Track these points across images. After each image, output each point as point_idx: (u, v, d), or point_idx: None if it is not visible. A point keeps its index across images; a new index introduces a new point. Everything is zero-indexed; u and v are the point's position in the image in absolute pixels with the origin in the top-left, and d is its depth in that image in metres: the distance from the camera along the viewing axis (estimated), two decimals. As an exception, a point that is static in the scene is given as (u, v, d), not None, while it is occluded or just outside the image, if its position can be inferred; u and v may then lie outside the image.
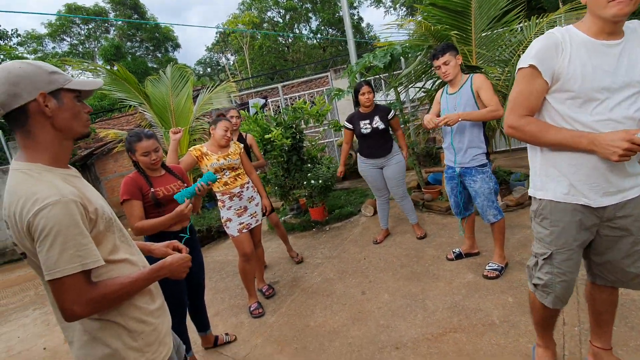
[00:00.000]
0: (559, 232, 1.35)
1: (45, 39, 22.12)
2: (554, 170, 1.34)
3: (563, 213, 1.34)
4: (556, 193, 1.34)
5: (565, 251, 1.36)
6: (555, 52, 1.20)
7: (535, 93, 1.27)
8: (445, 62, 2.39)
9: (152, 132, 1.99)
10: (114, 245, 1.07)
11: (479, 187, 2.46)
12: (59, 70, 1.01)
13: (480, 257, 2.85)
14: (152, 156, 1.92)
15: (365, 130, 3.24)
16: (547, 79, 1.23)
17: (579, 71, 1.19)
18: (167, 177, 2.04)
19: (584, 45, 1.20)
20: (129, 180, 1.89)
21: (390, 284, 2.75)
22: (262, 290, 3.02)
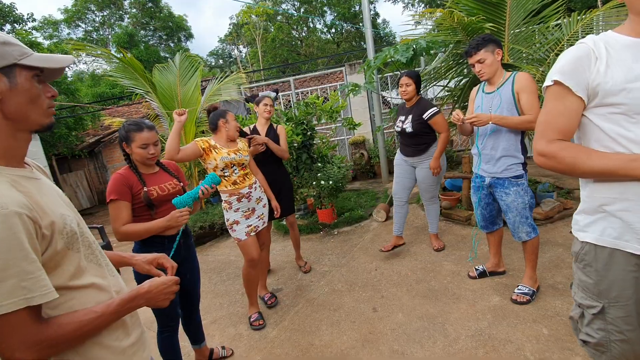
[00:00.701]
0: (608, 283, 1.06)
1: (61, 24, 22.12)
2: (604, 206, 1.04)
3: (612, 262, 1.05)
4: (603, 235, 1.05)
5: (621, 306, 1.05)
6: (587, 61, 0.99)
7: (566, 113, 1.03)
8: (479, 60, 2.08)
9: (153, 124, 1.77)
10: (77, 267, 0.84)
11: (511, 200, 2.17)
12: (15, 41, 0.77)
13: (507, 277, 2.57)
14: (151, 149, 1.71)
15: (397, 128, 2.98)
16: (581, 94, 1.00)
17: (622, 78, 0.94)
18: (161, 174, 1.82)
19: (627, 48, 0.96)
20: (119, 177, 1.65)
21: (405, 301, 2.49)
22: (264, 298, 2.79)
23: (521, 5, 3.12)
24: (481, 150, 2.25)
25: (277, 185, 2.94)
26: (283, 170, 3.08)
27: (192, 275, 1.96)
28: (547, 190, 3.71)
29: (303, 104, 4.09)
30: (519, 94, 2.04)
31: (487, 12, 3.21)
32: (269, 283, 3.08)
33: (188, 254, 1.92)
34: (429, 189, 3.03)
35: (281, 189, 2.99)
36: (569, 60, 1.02)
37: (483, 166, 2.26)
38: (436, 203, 3.12)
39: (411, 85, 2.80)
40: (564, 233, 3.14)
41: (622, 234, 1.01)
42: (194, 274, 1.98)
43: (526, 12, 3.13)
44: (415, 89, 2.83)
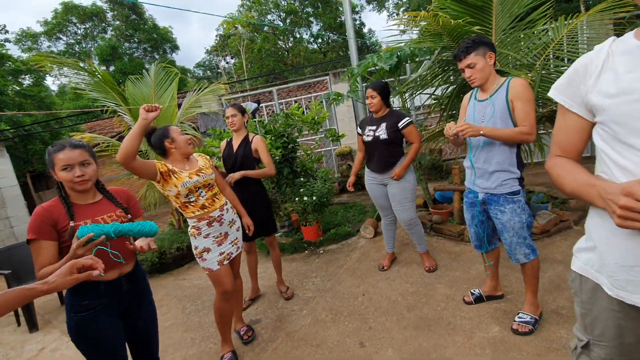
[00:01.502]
0: (592, 318, 0.97)
1: (40, 37, 21.64)
2: (590, 232, 0.96)
3: (596, 297, 0.94)
4: (587, 265, 0.96)
5: (604, 346, 0.95)
6: (583, 73, 0.90)
7: (566, 130, 0.98)
8: (469, 65, 1.89)
9: (83, 143, 1.47)
10: None
11: (507, 219, 1.95)
12: None
13: (506, 302, 2.34)
14: (77, 171, 1.39)
15: (367, 138, 2.75)
16: (579, 110, 0.92)
17: (611, 88, 0.81)
18: (102, 204, 1.52)
19: (626, 54, 0.81)
20: (40, 211, 1.37)
21: (395, 333, 2.23)
22: (239, 332, 2.50)
23: (507, 10, 2.97)
24: (474, 164, 2.04)
25: (253, 203, 2.67)
26: (258, 186, 2.79)
27: (145, 325, 1.65)
28: (541, 201, 3.53)
29: (282, 115, 3.86)
30: (513, 102, 1.83)
31: (473, 16, 3.05)
32: (247, 313, 2.80)
33: (137, 300, 1.61)
34: (404, 208, 2.77)
35: (258, 207, 2.73)
36: (567, 73, 0.94)
37: (476, 181, 2.04)
38: (417, 225, 2.87)
39: (376, 97, 2.68)
40: (562, 248, 2.94)
41: (602, 268, 0.90)
42: (148, 322, 1.67)
43: (512, 16, 2.98)
44: (382, 100, 2.70)
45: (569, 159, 0.98)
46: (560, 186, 0.95)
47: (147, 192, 4.77)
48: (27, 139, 8.50)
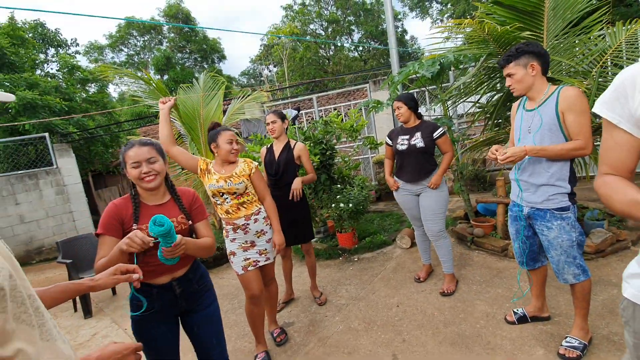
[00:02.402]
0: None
1: (105, 49, 23.87)
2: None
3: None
4: (635, 289, 0.90)
5: None
6: (632, 88, 0.85)
7: (616, 147, 0.92)
8: (509, 74, 1.83)
9: (151, 141, 1.52)
10: (1, 330, 0.67)
11: (554, 237, 1.83)
12: None
13: (552, 324, 2.18)
14: (144, 168, 1.44)
15: (402, 147, 2.72)
16: (627, 127, 0.87)
17: None
18: (168, 207, 1.53)
19: None
20: (111, 208, 1.45)
21: (430, 348, 2.17)
22: (273, 334, 2.56)
23: (559, 15, 2.81)
24: (519, 177, 1.95)
25: (293, 210, 2.75)
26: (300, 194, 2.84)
27: (202, 330, 1.60)
28: (596, 219, 3.26)
29: (322, 122, 3.93)
30: (564, 113, 1.73)
31: (522, 22, 2.92)
32: (279, 316, 2.86)
33: (194, 301, 1.58)
34: (435, 219, 2.70)
35: (298, 215, 2.79)
36: (613, 86, 0.90)
37: (521, 194, 1.95)
38: (446, 238, 2.77)
39: (403, 107, 2.69)
40: (618, 270, 2.68)
41: None
42: (206, 328, 1.61)
43: (565, 21, 2.82)
44: (410, 110, 2.70)
45: (619, 176, 0.92)
46: (611, 205, 0.89)
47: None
48: (90, 141, 9.38)
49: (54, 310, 3.91)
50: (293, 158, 2.77)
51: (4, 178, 6.63)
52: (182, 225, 1.52)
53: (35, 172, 6.94)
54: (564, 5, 2.83)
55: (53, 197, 7.07)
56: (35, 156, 7.16)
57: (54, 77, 9.60)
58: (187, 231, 1.54)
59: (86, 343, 3.01)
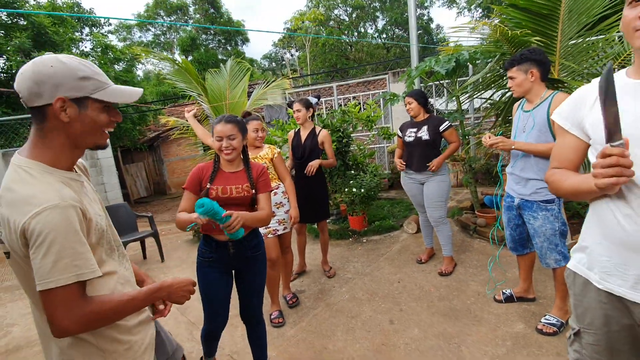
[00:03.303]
0: (583, 309, 1.12)
1: (134, 28, 24.48)
2: (583, 235, 1.12)
3: (586, 290, 1.10)
4: (579, 263, 1.12)
5: (592, 333, 1.10)
6: (581, 102, 1.06)
7: (565, 148, 1.13)
8: (511, 77, 2.05)
9: (236, 119, 1.75)
10: (100, 259, 0.97)
11: (539, 225, 2.07)
12: (94, 76, 0.92)
13: (536, 305, 2.43)
14: (224, 143, 1.69)
15: (409, 139, 2.98)
16: (576, 132, 1.08)
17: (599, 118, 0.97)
18: (239, 176, 1.77)
19: (620, 88, 0.95)
20: (197, 169, 1.76)
21: (424, 317, 2.47)
22: (286, 297, 2.91)
23: (574, 19, 2.92)
24: (513, 171, 2.18)
25: (314, 190, 3.06)
26: (320, 176, 3.14)
27: (246, 290, 1.88)
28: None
29: (340, 112, 4.17)
30: (555, 116, 1.94)
31: (536, 24, 3.05)
32: (292, 285, 3.20)
33: (244, 265, 1.83)
34: (437, 206, 2.96)
35: (317, 194, 3.10)
36: (567, 101, 1.12)
37: (513, 186, 2.18)
38: (446, 224, 3.03)
39: (413, 103, 2.94)
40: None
41: (588, 261, 1.08)
42: (248, 289, 1.88)
43: (580, 25, 2.93)
44: (420, 106, 2.94)
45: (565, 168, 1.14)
46: (560, 187, 1.10)
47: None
48: (120, 118, 9.92)
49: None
50: (317, 144, 3.06)
51: (45, 149, 7.21)
52: (246, 192, 1.74)
53: (73, 145, 7.50)
54: (579, 9, 2.93)
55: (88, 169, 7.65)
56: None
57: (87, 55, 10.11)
58: (249, 199, 1.74)
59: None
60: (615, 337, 1.07)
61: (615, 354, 1.09)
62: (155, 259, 4.47)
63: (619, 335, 1.06)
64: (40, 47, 8.37)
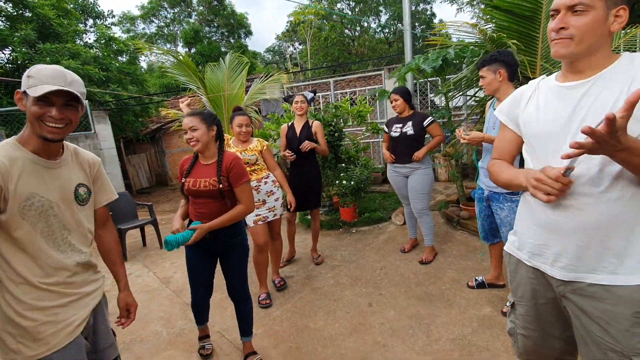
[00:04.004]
0: (516, 284, 1.28)
1: (137, 20, 24.54)
2: (515, 222, 1.31)
3: (518, 268, 1.26)
4: (512, 245, 1.29)
5: (523, 305, 1.27)
6: (518, 100, 1.21)
7: (504, 140, 1.29)
8: (482, 76, 2.20)
9: (200, 112, 1.89)
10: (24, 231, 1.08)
11: (504, 215, 2.22)
12: (35, 75, 1.08)
13: (505, 291, 2.60)
14: (189, 134, 1.83)
15: (394, 134, 3.14)
16: (513, 127, 1.23)
17: (532, 115, 1.14)
18: (210, 168, 1.87)
19: (547, 90, 1.13)
20: (181, 162, 1.97)
21: (400, 300, 2.64)
22: (274, 281, 3.09)
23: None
24: (482, 165, 2.33)
25: (308, 179, 3.24)
26: (314, 166, 3.33)
27: (228, 272, 2.08)
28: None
29: (332, 107, 4.32)
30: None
31: (519, 25, 3.17)
32: (281, 271, 3.38)
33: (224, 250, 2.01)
34: (420, 198, 3.12)
35: (312, 183, 3.27)
36: (508, 98, 1.26)
37: (483, 179, 2.34)
38: (428, 215, 3.19)
39: (399, 100, 3.09)
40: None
41: (521, 247, 1.22)
42: (230, 271, 2.07)
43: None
44: (405, 102, 3.09)
45: (504, 160, 1.29)
46: (497, 178, 1.26)
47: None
48: (123, 110, 10.10)
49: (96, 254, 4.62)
50: (312, 135, 3.23)
51: (49, 139, 7.41)
52: (212, 186, 1.83)
53: (77, 136, 7.69)
54: (559, 11, 3.05)
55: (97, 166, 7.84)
56: (75, 121, 7.88)
57: (91, 47, 10.26)
58: (216, 192, 1.83)
59: (123, 279, 3.66)
60: (542, 309, 1.23)
61: (542, 324, 1.25)
62: (155, 246, 4.67)
63: (545, 307, 1.23)
64: (45, 38, 8.53)
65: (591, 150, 0.85)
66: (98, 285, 1.35)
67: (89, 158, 1.33)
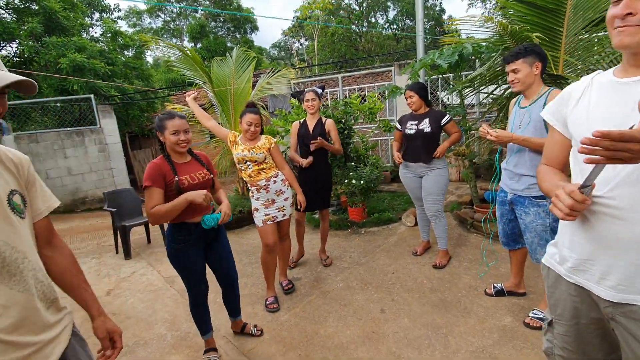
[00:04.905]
0: (555, 300, 1.16)
1: (144, 14, 24.47)
2: (558, 233, 1.16)
3: (558, 283, 1.14)
4: (552, 258, 1.16)
5: (563, 324, 1.14)
6: (567, 99, 1.08)
7: (553, 144, 1.17)
8: (514, 70, 2.02)
9: (185, 115, 1.93)
10: None
11: (530, 221, 2.09)
12: None
13: (526, 299, 2.47)
14: (181, 136, 1.85)
15: (410, 131, 2.99)
16: (561, 129, 1.12)
17: (583, 116, 1.00)
18: (192, 164, 1.98)
19: (602, 86, 0.99)
20: (153, 166, 1.82)
21: (414, 307, 2.52)
22: (282, 284, 2.99)
23: (580, 15, 2.88)
24: (507, 166, 2.19)
25: (319, 178, 3.13)
26: (326, 164, 3.21)
27: (223, 254, 2.17)
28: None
29: (342, 103, 4.19)
30: (550, 112, 1.94)
31: (542, 19, 3.01)
32: (289, 272, 3.28)
33: (216, 235, 2.11)
34: (435, 199, 2.99)
35: (322, 182, 3.16)
36: (557, 97, 1.14)
37: (507, 181, 2.20)
38: (442, 218, 3.05)
39: (414, 96, 2.94)
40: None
41: (562, 261, 1.10)
42: (225, 252, 2.18)
43: (586, 21, 2.88)
44: (421, 99, 2.94)
45: (552, 167, 1.18)
46: (540, 185, 1.15)
47: (220, 160, 5.51)
48: (129, 104, 10.03)
49: (100, 251, 4.56)
50: (325, 133, 3.11)
51: (55, 133, 7.36)
52: (207, 176, 1.98)
53: (82, 130, 7.64)
54: (585, 4, 2.88)
55: (96, 154, 7.79)
56: (79, 115, 7.83)
57: (97, 41, 10.19)
58: (211, 182, 2.00)
59: (127, 278, 3.58)
60: (584, 329, 1.11)
61: (584, 345, 1.13)
62: (159, 243, 4.59)
63: (587, 327, 1.10)
64: (51, 32, 8.47)
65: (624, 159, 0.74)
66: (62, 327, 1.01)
67: (14, 157, 0.99)
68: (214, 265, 2.17)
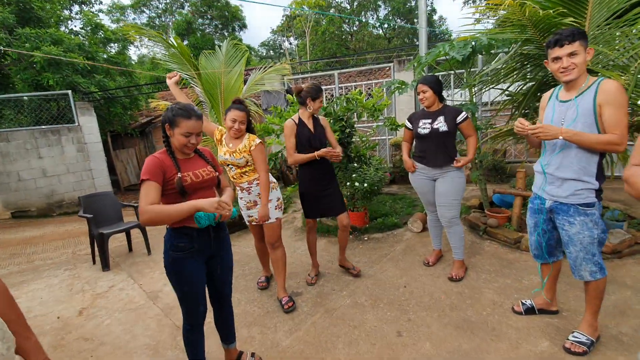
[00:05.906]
0: None
1: (127, 9, 23.64)
2: None
3: None
4: None
5: None
6: None
7: None
8: (571, 53, 1.66)
9: (202, 114, 1.68)
10: None
11: (575, 232, 1.80)
12: None
13: (560, 318, 2.19)
14: (192, 139, 1.63)
15: (424, 130, 2.68)
16: None
17: None
18: (196, 160, 1.74)
19: None
20: (154, 160, 1.58)
21: (435, 329, 2.22)
22: (281, 301, 2.64)
23: (605, 4, 2.64)
24: (545, 169, 1.90)
25: (325, 179, 2.80)
26: (331, 167, 2.87)
27: (222, 270, 1.87)
28: (616, 219, 3.19)
29: (344, 99, 3.87)
30: (602, 106, 1.65)
31: (564, 7, 2.76)
32: (289, 286, 2.94)
33: (220, 247, 1.82)
34: (451, 206, 2.69)
35: (329, 183, 2.82)
36: None
37: (545, 187, 1.91)
38: (459, 225, 2.75)
39: (428, 91, 2.63)
40: (633, 273, 2.66)
41: None
42: (225, 269, 1.89)
43: (610, 11, 2.65)
44: (435, 95, 2.64)
45: None
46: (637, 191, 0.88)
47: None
48: (110, 102, 9.47)
49: (75, 261, 4.11)
50: (324, 131, 2.81)
51: (28, 132, 6.81)
52: (212, 174, 1.75)
53: (58, 128, 7.10)
54: (612, -8, 2.64)
55: (74, 153, 7.26)
56: (56, 113, 7.29)
57: (77, 34, 9.60)
58: (216, 179, 1.77)
59: (104, 294, 3.17)
60: None
61: None
62: (142, 252, 4.18)
63: None
64: (25, 23, 7.88)
65: None
66: None
67: None
68: (211, 279, 1.87)
